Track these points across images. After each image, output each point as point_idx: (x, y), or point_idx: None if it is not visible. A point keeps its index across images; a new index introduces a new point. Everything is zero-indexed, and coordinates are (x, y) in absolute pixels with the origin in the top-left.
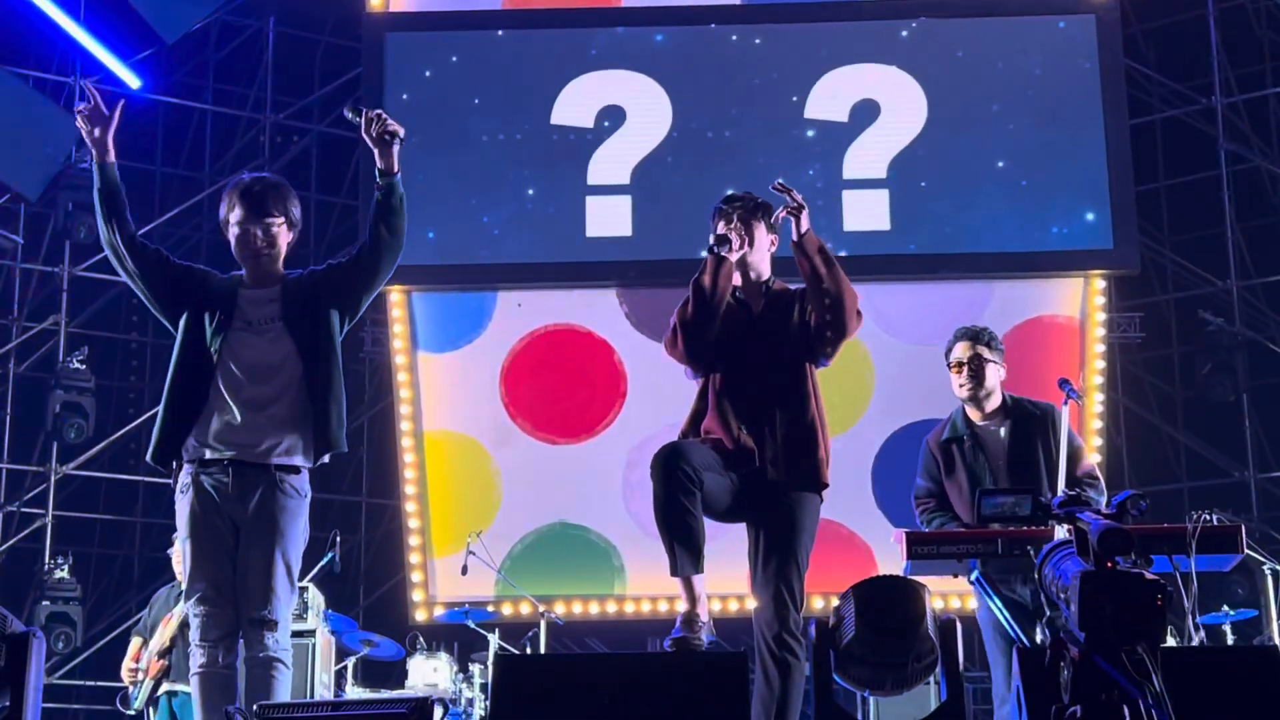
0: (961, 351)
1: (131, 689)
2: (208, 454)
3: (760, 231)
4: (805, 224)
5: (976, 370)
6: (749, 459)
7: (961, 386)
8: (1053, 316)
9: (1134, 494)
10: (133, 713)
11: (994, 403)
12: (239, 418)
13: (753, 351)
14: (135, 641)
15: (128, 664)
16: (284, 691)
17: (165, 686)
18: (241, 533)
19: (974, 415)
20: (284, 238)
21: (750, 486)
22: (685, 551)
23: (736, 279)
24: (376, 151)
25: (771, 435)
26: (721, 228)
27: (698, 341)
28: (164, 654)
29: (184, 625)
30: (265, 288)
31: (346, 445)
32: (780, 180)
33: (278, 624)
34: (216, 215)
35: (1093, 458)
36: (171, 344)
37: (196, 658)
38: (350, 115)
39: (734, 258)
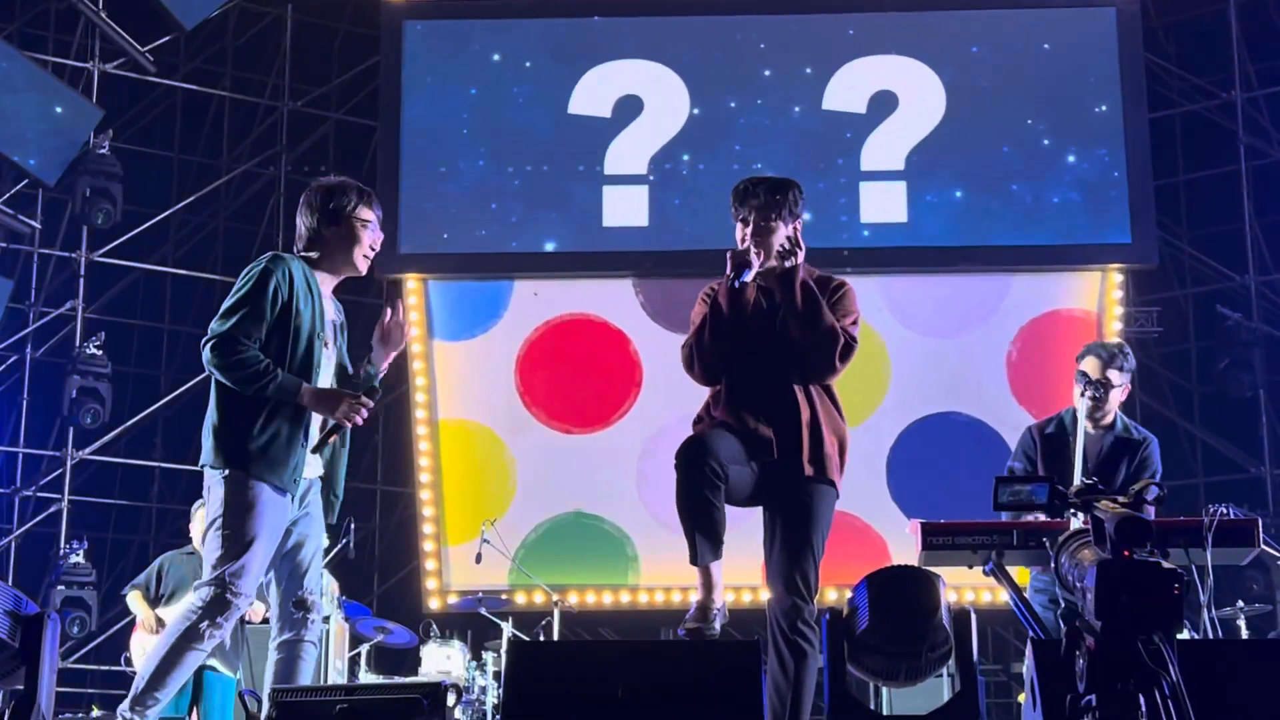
0: (1092, 369)
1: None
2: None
3: (779, 228)
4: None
5: (1102, 395)
6: (766, 449)
7: (1082, 397)
8: (1070, 310)
9: (1150, 483)
10: None
11: (1107, 420)
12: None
13: (771, 340)
14: (137, 594)
15: (150, 620)
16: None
17: None
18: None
19: (1085, 423)
20: None
21: (768, 475)
22: (706, 541)
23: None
24: (381, 348)
25: (788, 425)
26: (739, 233)
27: (716, 367)
28: None
29: None
30: (333, 301)
31: None
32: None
33: (319, 605)
34: (233, 202)
35: None
36: (183, 331)
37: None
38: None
39: (751, 277)
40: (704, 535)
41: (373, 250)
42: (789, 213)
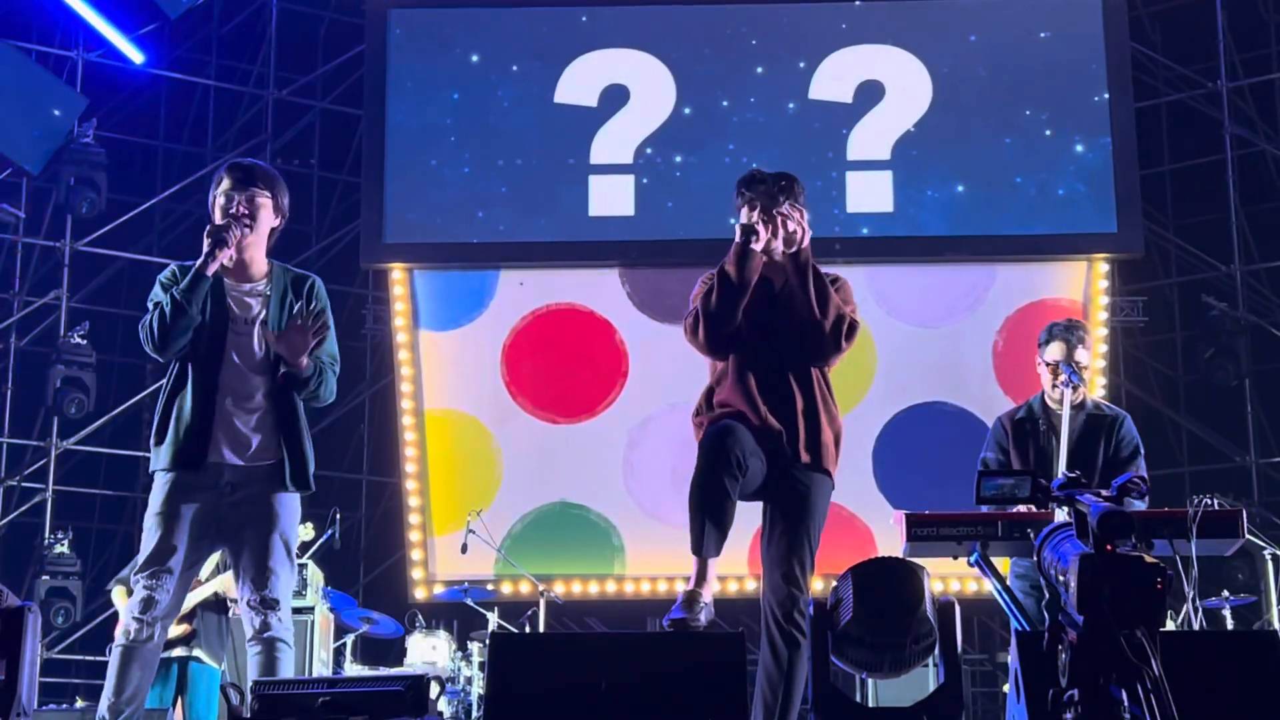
0: (1062, 354)
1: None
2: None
3: (787, 211)
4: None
5: (1079, 378)
6: (775, 439)
7: (1055, 386)
8: (1055, 300)
9: (1134, 477)
10: None
11: (1076, 399)
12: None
13: (775, 328)
14: (121, 589)
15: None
16: (290, 670)
17: (179, 651)
18: (231, 516)
19: (1053, 404)
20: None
21: (771, 465)
22: (715, 532)
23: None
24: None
25: (793, 415)
26: (745, 215)
27: (722, 331)
28: (186, 619)
29: (211, 598)
30: (250, 281)
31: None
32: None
33: (279, 603)
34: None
35: None
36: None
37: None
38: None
39: (760, 247)
40: (714, 525)
41: (231, 217)
42: (795, 200)
